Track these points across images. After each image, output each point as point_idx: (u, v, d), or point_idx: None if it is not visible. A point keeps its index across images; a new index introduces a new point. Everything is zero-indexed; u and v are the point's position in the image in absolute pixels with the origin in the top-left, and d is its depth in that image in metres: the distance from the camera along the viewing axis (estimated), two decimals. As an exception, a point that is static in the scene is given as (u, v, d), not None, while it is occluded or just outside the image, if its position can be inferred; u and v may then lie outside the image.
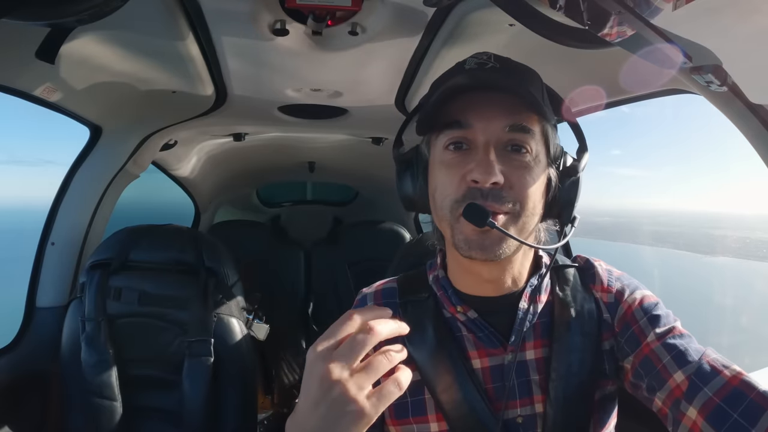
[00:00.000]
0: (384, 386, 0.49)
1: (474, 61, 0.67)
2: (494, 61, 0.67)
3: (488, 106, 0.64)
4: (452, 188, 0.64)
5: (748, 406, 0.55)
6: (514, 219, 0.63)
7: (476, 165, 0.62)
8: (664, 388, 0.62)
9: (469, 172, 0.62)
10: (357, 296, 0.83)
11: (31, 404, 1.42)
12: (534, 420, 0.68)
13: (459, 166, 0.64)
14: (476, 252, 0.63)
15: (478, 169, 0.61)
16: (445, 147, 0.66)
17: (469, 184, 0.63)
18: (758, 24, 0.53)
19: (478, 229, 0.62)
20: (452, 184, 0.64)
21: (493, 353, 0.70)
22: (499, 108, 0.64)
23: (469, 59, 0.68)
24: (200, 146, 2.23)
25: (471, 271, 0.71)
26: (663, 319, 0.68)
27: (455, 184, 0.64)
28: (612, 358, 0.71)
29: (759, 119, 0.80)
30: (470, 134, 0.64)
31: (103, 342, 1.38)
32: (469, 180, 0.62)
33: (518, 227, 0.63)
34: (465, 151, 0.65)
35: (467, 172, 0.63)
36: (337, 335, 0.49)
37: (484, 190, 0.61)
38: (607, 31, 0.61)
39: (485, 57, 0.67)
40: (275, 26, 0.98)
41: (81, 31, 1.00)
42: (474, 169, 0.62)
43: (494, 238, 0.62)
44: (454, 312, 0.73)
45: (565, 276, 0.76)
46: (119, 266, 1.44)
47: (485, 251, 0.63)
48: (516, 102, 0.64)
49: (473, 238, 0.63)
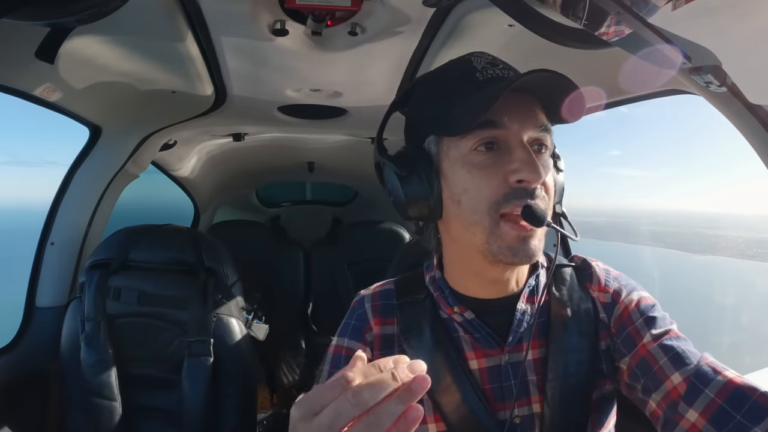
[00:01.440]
0: None
1: (483, 61, 0.66)
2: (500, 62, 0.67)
3: (521, 106, 0.63)
4: (490, 189, 0.61)
5: (751, 408, 0.55)
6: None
7: (522, 165, 0.60)
8: (660, 390, 0.62)
9: (513, 172, 0.60)
10: (355, 298, 0.82)
11: (31, 404, 1.42)
12: (532, 420, 0.68)
13: (495, 166, 0.62)
14: (520, 257, 0.62)
15: (528, 169, 0.60)
16: (475, 148, 0.63)
17: (512, 185, 0.61)
18: (757, 24, 0.53)
19: (522, 233, 0.61)
20: (489, 186, 0.61)
21: (490, 354, 0.70)
22: (529, 108, 0.64)
23: (474, 58, 0.66)
24: (200, 146, 2.23)
25: (485, 275, 0.70)
26: (659, 321, 0.68)
27: (494, 185, 0.61)
28: (609, 357, 0.71)
29: (758, 119, 0.80)
30: (503, 134, 0.62)
31: (103, 342, 1.38)
32: (513, 180, 0.61)
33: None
34: (497, 151, 0.63)
35: (509, 172, 0.61)
36: (321, 399, 0.39)
37: (530, 191, 0.61)
38: (606, 31, 0.61)
39: (490, 57, 0.67)
40: (275, 26, 0.98)
41: (81, 31, 1.00)
42: (521, 168, 0.60)
43: (536, 241, 0.62)
44: (451, 313, 0.72)
45: (562, 276, 0.76)
46: (119, 266, 1.44)
47: (529, 255, 0.62)
48: (536, 102, 0.64)
49: (515, 242, 0.61)
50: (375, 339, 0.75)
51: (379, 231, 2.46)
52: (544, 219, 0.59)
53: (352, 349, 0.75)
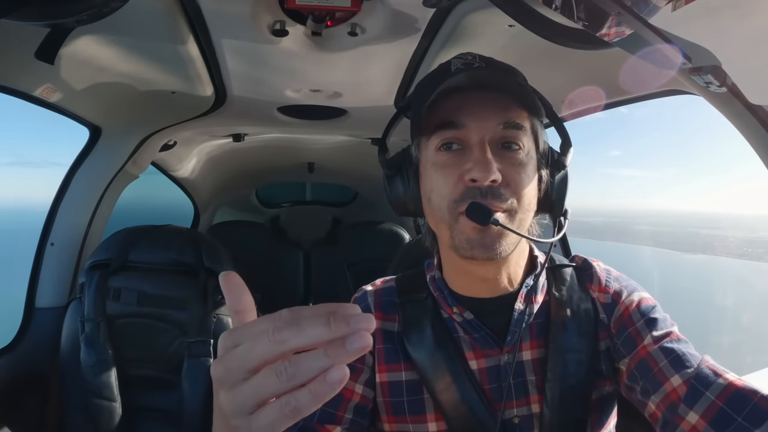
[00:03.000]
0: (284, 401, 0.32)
1: (460, 62, 0.67)
2: (480, 61, 0.67)
3: (481, 105, 0.64)
4: (449, 188, 0.64)
5: (752, 410, 0.55)
6: (512, 216, 0.63)
7: (474, 164, 0.62)
8: (660, 392, 0.62)
9: (467, 171, 0.62)
10: (356, 293, 0.82)
11: (31, 404, 1.42)
12: (531, 420, 0.68)
13: (455, 166, 0.64)
14: (478, 251, 0.63)
15: (477, 168, 0.61)
16: (438, 148, 0.66)
17: (467, 184, 0.63)
18: (757, 24, 0.53)
19: (479, 228, 0.62)
20: (448, 185, 0.64)
21: (490, 354, 0.70)
22: (491, 106, 0.64)
23: (453, 60, 0.68)
24: (200, 147, 2.23)
25: (467, 272, 0.71)
26: (660, 322, 0.67)
27: (452, 184, 0.64)
28: (608, 358, 0.71)
29: (758, 120, 0.80)
30: (464, 134, 0.64)
31: (103, 342, 1.38)
32: (467, 179, 0.62)
33: (516, 224, 0.64)
34: (458, 151, 0.65)
35: (465, 171, 0.63)
36: (248, 330, 0.34)
37: (483, 189, 0.62)
38: (606, 31, 0.61)
39: (470, 57, 0.68)
40: (275, 27, 0.98)
41: (81, 31, 1.00)
42: (472, 168, 0.62)
43: (494, 236, 0.62)
44: (451, 313, 0.73)
45: (562, 276, 0.76)
46: (119, 267, 1.44)
47: (487, 250, 0.63)
48: (507, 99, 0.64)
49: (474, 238, 0.63)
50: (377, 332, 0.75)
51: (378, 231, 2.46)
52: (488, 217, 0.60)
53: None
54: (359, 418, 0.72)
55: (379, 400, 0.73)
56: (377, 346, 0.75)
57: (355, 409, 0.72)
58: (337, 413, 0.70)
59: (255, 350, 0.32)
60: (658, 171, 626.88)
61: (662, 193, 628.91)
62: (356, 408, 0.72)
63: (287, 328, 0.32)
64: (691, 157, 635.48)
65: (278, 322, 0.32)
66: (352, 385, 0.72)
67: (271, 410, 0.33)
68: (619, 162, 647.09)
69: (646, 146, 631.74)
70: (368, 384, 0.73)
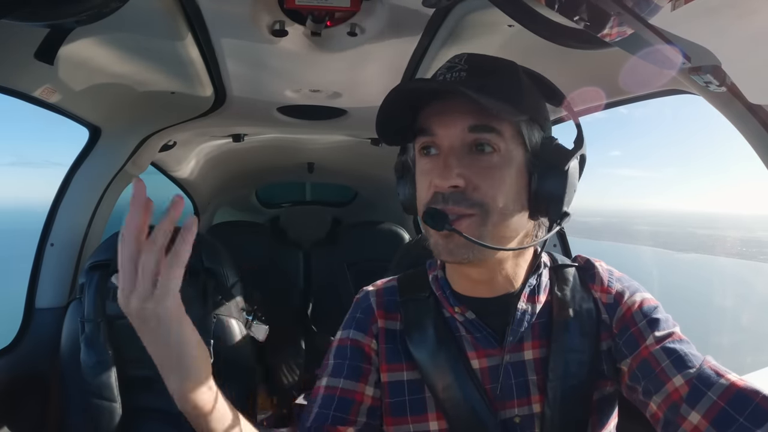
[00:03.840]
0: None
1: (445, 67, 0.67)
2: (464, 63, 0.65)
3: (449, 111, 0.64)
4: (423, 194, 0.66)
5: (754, 410, 0.55)
6: (482, 220, 0.62)
7: (435, 170, 0.63)
8: (662, 392, 0.62)
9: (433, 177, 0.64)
10: (358, 294, 0.83)
11: (31, 405, 1.42)
12: (532, 420, 0.68)
13: (428, 172, 0.65)
14: (444, 256, 0.64)
15: (435, 173, 0.63)
16: (419, 153, 0.68)
17: (434, 189, 0.64)
18: (757, 24, 0.53)
19: (443, 233, 0.62)
20: (423, 190, 0.66)
21: (491, 354, 0.70)
22: (459, 112, 0.63)
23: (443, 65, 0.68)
24: (199, 147, 2.23)
25: (462, 273, 0.72)
26: (662, 323, 0.67)
27: (425, 189, 0.65)
28: (610, 359, 0.71)
29: (758, 120, 0.80)
30: (436, 140, 0.65)
31: (103, 343, 1.38)
32: (433, 185, 0.63)
33: (488, 228, 0.62)
34: (434, 156, 0.65)
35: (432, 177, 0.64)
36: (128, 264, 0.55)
37: (445, 194, 0.62)
38: (606, 31, 0.61)
39: (456, 60, 0.67)
40: (274, 27, 0.98)
41: (80, 32, 0.99)
42: (432, 174, 0.63)
43: (458, 242, 0.62)
44: (453, 312, 0.73)
45: (565, 276, 0.75)
46: (118, 267, 1.44)
47: (452, 255, 0.63)
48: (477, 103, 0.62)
49: (440, 242, 0.64)
50: (380, 332, 0.75)
51: (378, 231, 2.46)
52: (441, 223, 0.61)
53: (358, 340, 0.75)
54: (372, 419, 0.72)
55: (381, 400, 0.73)
56: (381, 345, 0.75)
57: (368, 412, 0.71)
58: (348, 417, 0.70)
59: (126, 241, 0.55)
60: (658, 171, 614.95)
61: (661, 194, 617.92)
62: (369, 410, 0.72)
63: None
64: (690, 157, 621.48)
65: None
66: (363, 388, 0.72)
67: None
68: (619, 162, 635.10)
69: (646, 146, 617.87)
70: (377, 385, 0.74)
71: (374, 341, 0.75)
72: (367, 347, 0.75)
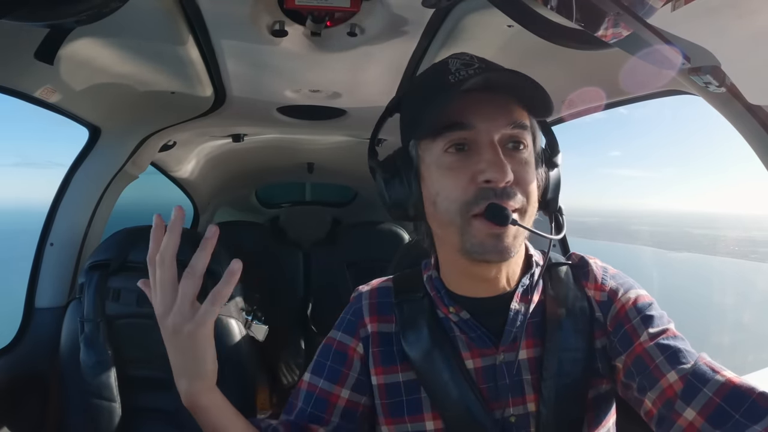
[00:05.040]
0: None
1: (458, 62, 0.66)
2: (479, 62, 0.66)
3: (488, 105, 0.63)
4: (459, 191, 0.63)
5: (750, 407, 0.55)
6: (523, 215, 0.64)
7: (488, 165, 0.61)
8: (656, 388, 0.62)
9: (480, 172, 0.61)
10: (353, 294, 0.83)
11: (30, 405, 1.42)
12: (527, 419, 0.69)
13: (464, 168, 0.63)
14: (492, 254, 0.63)
15: (493, 169, 0.61)
16: (446, 150, 0.64)
17: (479, 185, 0.62)
18: (757, 24, 0.53)
19: (494, 231, 0.61)
20: (459, 187, 0.63)
21: (486, 353, 0.70)
22: (499, 106, 0.64)
23: (450, 60, 0.67)
24: (199, 147, 2.23)
25: (470, 274, 0.71)
26: (657, 319, 0.67)
27: (462, 186, 0.63)
28: (605, 356, 0.71)
29: (758, 120, 0.80)
30: (472, 135, 0.63)
31: (102, 343, 1.38)
32: (481, 180, 0.61)
33: (527, 222, 0.64)
34: (467, 152, 0.64)
35: (477, 172, 0.62)
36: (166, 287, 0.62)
37: (498, 190, 0.61)
38: (605, 32, 0.61)
39: (467, 57, 0.67)
40: (274, 27, 0.98)
41: (80, 32, 0.99)
42: (486, 169, 0.61)
43: (509, 238, 0.62)
44: (447, 312, 0.73)
45: (558, 274, 0.75)
46: (118, 267, 1.44)
47: (501, 252, 0.62)
48: (510, 99, 0.64)
49: (488, 241, 0.62)
50: (371, 335, 0.76)
51: (378, 231, 2.46)
52: (508, 218, 0.60)
53: (344, 343, 0.77)
54: (347, 422, 0.73)
55: (377, 402, 0.74)
56: (372, 349, 0.75)
57: (343, 414, 0.73)
58: (324, 416, 0.72)
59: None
60: (657, 171, 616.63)
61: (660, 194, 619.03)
62: (343, 412, 0.73)
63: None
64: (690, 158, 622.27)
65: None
66: (339, 390, 0.74)
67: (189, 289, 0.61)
68: (619, 162, 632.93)
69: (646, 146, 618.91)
70: (356, 389, 0.74)
71: (361, 345, 0.76)
72: (351, 350, 0.76)
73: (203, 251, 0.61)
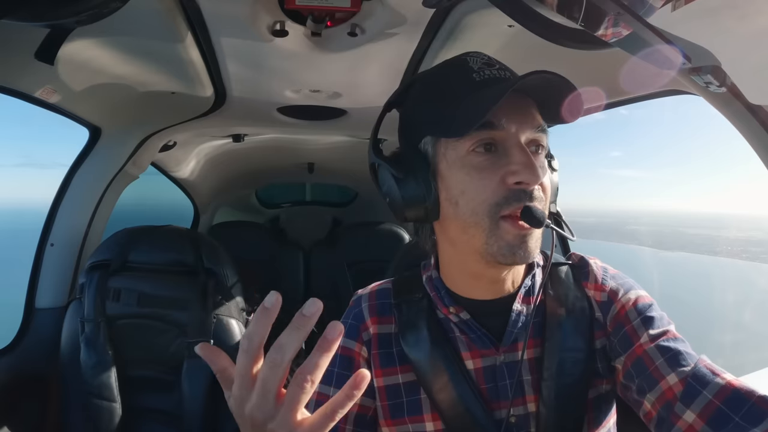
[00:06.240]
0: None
1: (479, 61, 0.65)
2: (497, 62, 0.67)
3: (518, 107, 0.63)
4: (489, 191, 0.61)
5: (749, 410, 0.55)
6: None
7: (521, 167, 0.60)
8: (655, 390, 0.62)
9: (511, 174, 0.61)
10: (352, 297, 0.82)
11: (31, 405, 1.42)
12: (527, 419, 0.68)
13: (493, 168, 0.62)
14: (520, 257, 0.62)
15: (526, 171, 0.60)
16: (473, 149, 0.63)
17: (510, 186, 0.61)
18: (757, 25, 0.53)
19: (522, 232, 0.61)
20: (488, 187, 0.61)
21: (486, 354, 0.70)
22: (527, 109, 0.64)
23: (469, 58, 0.66)
24: (199, 147, 2.23)
25: (481, 276, 0.70)
26: (657, 321, 0.67)
27: (492, 187, 0.61)
28: (605, 357, 0.71)
29: (758, 120, 0.80)
30: (501, 135, 0.62)
31: (103, 343, 1.38)
32: (511, 182, 0.61)
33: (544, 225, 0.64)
34: (495, 153, 0.63)
35: (508, 173, 0.61)
36: (244, 376, 0.45)
37: (528, 192, 0.61)
38: (606, 32, 0.61)
39: (486, 57, 0.67)
40: (274, 27, 0.98)
41: (80, 32, 0.99)
42: (519, 171, 0.60)
43: (534, 240, 0.62)
44: (447, 313, 0.73)
45: (558, 274, 0.75)
46: (118, 267, 1.44)
47: (526, 254, 0.62)
48: (532, 103, 0.64)
49: (516, 243, 0.61)
50: (372, 338, 0.75)
51: (378, 232, 2.46)
52: (543, 220, 0.60)
53: (348, 348, 0.76)
54: (361, 428, 0.73)
55: (378, 404, 0.74)
56: (372, 351, 0.75)
57: (356, 420, 0.73)
58: (340, 425, 0.70)
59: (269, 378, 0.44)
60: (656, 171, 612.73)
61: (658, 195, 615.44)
62: (356, 418, 0.73)
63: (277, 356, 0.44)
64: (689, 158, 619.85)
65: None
66: None
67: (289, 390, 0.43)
68: (619, 163, 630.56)
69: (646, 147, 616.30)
70: (366, 393, 0.73)
71: (364, 348, 0.75)
72: (356, 354, 0.75)
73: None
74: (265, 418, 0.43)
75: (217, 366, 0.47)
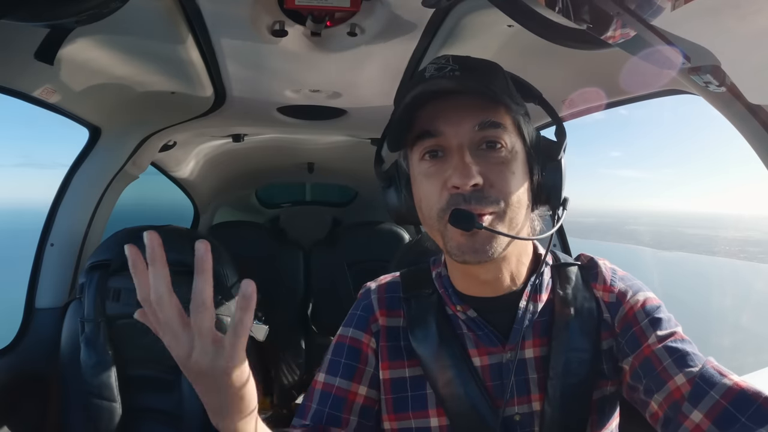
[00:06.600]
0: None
1: (433, 68, 0.66)
2: (453, 63, 0.66)
3: (454, 109, 0.64)
4: (435, 197, 0.64)
5: (756, 411, 0.55)
6: (500, 216, 0.63)
7: (453, 170, 0.62)
8: (663, 390, 0.62)
9: (449, 178, 0.62)
10: (361, 290, 0.83)
11: (31, 405, 1.42)
12: (532, 418, 0.69)
13: (438, 174, 0.64)
14: (469, 256, 0.63)
15: (456, 174, 0.61)
16: (421, 158, 0.66)
17: (450, 191, 0.62)
18: (757, 24, 0.53)
19: (467, 233, 0.62)
20: (434, 193, 0.64)
21: (493, 351, 0.70)
22: (465, 109, 0.64)
23: (428, 66, 0.67)
24: (199, 147, 2.23)
25: (468, 274, 0.71)
26: (665, 322, 0.67)
27: (437, 192, 0.64)
28: (611, 358, 0.71)
29: (758, 120, 0.80)
30: (442, 141, 0.64)
31: (103, 343, 1.38)
32: (450, 186, 0.62)
33: (506, 223, 0.63)
34: (441, 159, 0.65)
35: (447, 178, 0.63)
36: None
37: (466, 194, 0.61)
38: (606, 32, 0.61)
39: (443, 61, 0.67)
40: (274, 27, 0.98)
41: (80, 32, 0.99)
42: (452, 174, 0.62)
43: (484, 240, 0.62)
44: (455, 310, 0.73)
45: (567, 274, 0.75)
46: (118, 267, 1.44)
47: (477, 254, 0.63)
48: (481, 100, 0.64)
49: (464, 243, 0.63)
50: (381, 330, 0.76)
51: (378, 232, 2.46)
52: (472, 222, 0.60)
53: (356, 339, 0.76)
54: (365, 419, 0.73)
55: (382, 397, 0.74)
56: (381, 343, 0.75)
57: (361, 411, 0.73)
58: (342, 416, 0.71)
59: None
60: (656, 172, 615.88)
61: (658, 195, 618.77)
62: (362, 409, 0.73)
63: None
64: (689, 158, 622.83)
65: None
66: (356, 387, 0.73)
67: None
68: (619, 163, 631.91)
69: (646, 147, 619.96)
70: (373, 384, 0.74)
71: (373, 340, 0.76)
72: (365, 346, 0.75)
73: (200, 276, 0.52)
74: (210, 359, 0.52)
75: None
